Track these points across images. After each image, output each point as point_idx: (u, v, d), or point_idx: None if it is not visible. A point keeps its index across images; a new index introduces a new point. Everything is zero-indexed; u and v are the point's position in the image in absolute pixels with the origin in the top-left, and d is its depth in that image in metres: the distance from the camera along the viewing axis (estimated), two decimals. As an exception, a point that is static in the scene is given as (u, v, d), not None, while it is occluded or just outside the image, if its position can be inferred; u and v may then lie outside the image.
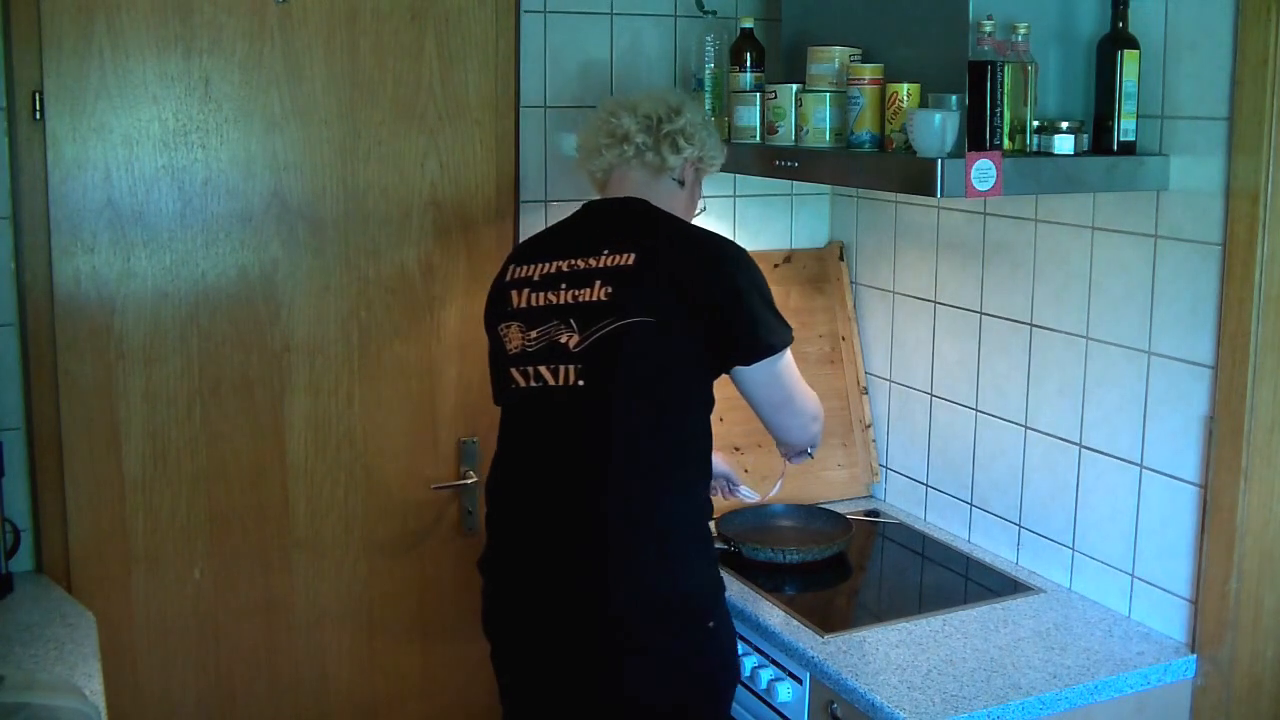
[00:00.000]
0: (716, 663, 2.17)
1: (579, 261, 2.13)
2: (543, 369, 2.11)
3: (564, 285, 2.12)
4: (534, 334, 2.13)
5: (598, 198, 2.30)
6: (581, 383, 2.07)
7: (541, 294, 2.14)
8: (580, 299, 2.09)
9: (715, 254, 2.14)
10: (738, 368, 2.14)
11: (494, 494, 2.24)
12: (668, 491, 2.11)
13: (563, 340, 2.09)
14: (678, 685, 2.09)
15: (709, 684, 2.16)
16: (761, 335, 2.12)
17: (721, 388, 2.94)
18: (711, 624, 2.13)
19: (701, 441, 2.18)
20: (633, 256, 2.09)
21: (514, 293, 2.18)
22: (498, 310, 2.21)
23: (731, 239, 2.27)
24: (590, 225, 2.23)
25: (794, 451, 2.45)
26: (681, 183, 2.26)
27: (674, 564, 2.10)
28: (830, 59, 2.40)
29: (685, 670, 2.10)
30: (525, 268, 2.20)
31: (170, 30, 2.41)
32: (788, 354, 2.18)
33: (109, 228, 2.42)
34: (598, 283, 2.09)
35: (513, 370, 2.15)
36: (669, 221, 2.20)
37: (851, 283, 3.06)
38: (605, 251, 2.11)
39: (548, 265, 2.16)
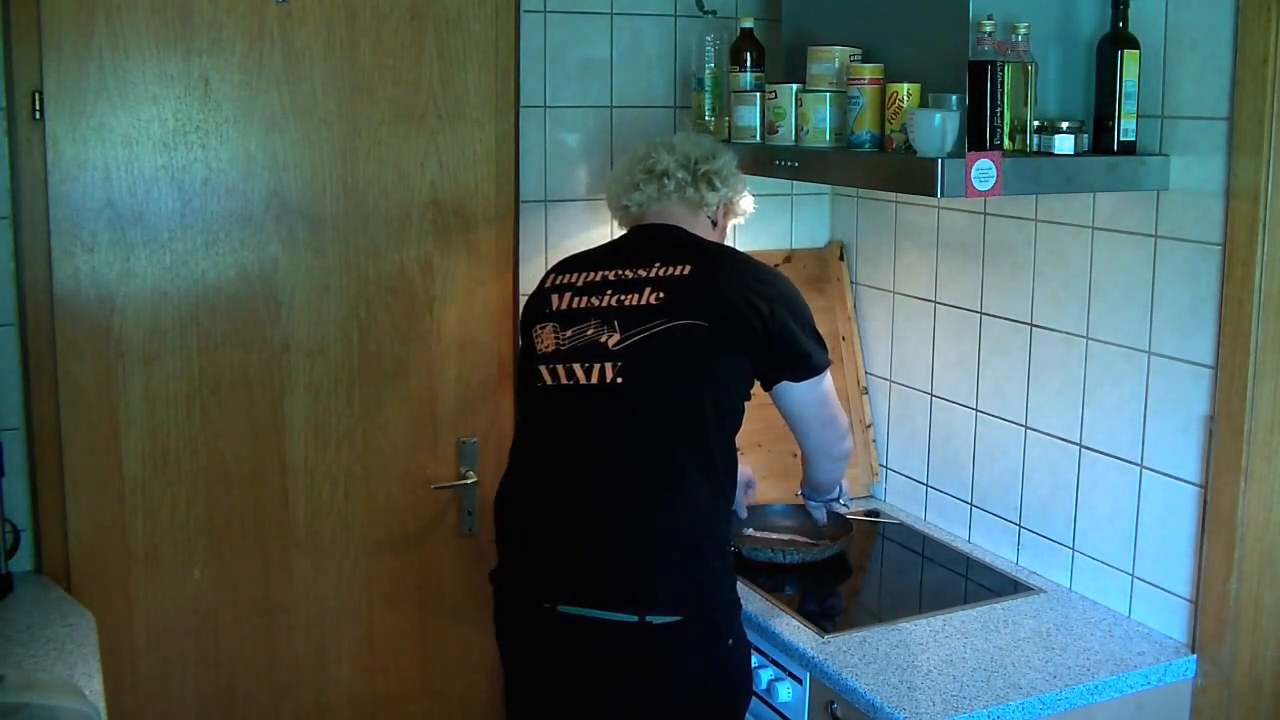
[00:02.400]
0: (734, 681, 2.16)
1: (627, 271, 2.18)
2: (575, 366, 2.11)
3: (610, 291, 2.16)
4: (568, 333, 2.14)
5: (638, 223, 2.36)
6: (620, 380, 2.08)
7: (583, 298, 2.17)
8: (626, 303, 2.14)
9: (768, 277, 2.22)
10: (786, 385, 2.20)
11: (506, 498, 2.22)
12: (695, 499, 2.10)
13: (602, 339, 2.11)
14: (692, 703, 2.08)
15: (724, 702, 2.15)
16: (811, 354, 2.20)
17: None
18: (731, 641, 2.13)
19: (732, 454, 2.19)
20: (688, 268, 2.16)
21: (554, 296, 2.21)
22: (534, 314, 2.24)
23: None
24: (640, 242, 2.30)
25: (823, 493, 2.55)
26: (715, 222, 2.37)
27: (697, 576, 2.08)
28: (830, 59, 2.40)
29: (702, 688, 2.08)
30: (567, 275, 2.24)
31: (170, 30, 2.41)
32: (829, 375, 2.27)
33: (109, 228, 2.42)
34: (648, 289, 2.14)
35: (541, 368, 2.16)
36: (719, 245, 2.33)
37: (851, 283, 3.06)
38: (658, 263, 2.18)
39: (593, 274, 2.20)
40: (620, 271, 2.18)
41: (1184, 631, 2.21)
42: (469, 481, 2.76)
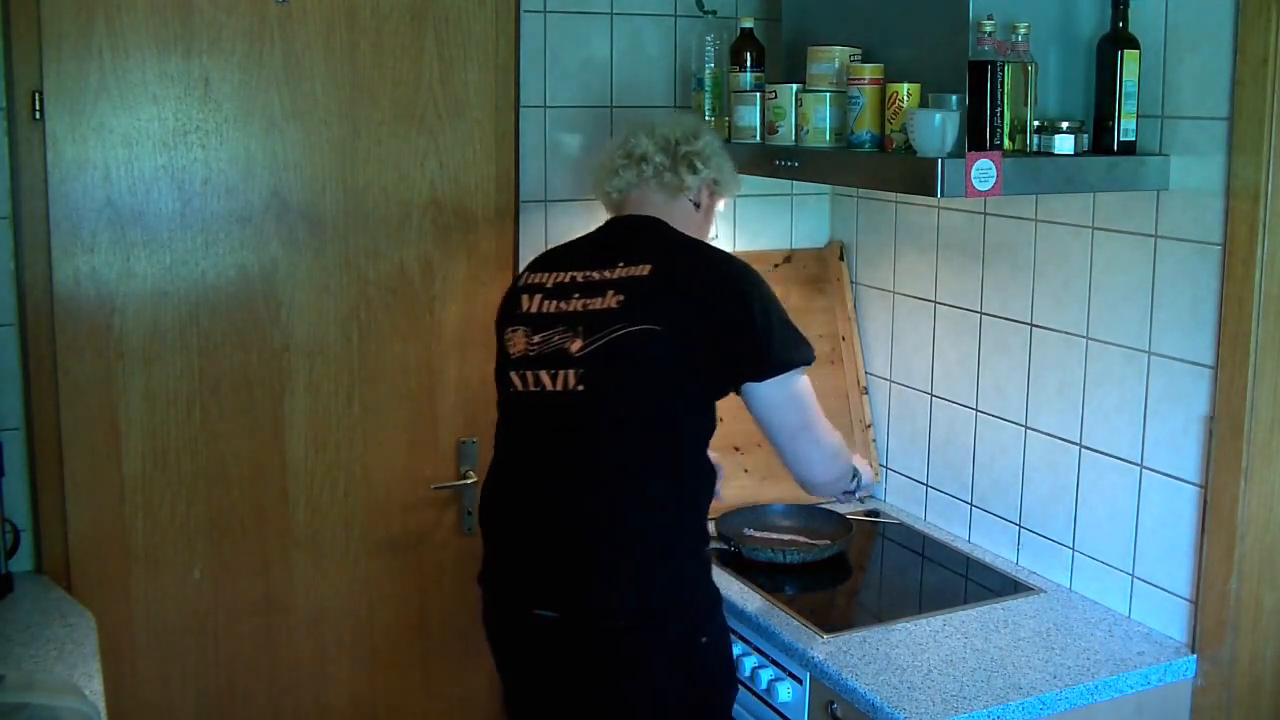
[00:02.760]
0: (710, 678, 2.15)
1: (594, 273, 2.13)
2: (542, 374, 2.10)
3: (576, 294, 2.12)
4: (537, 339, 2.12)
5: (612, 215, 2.32)
6: (581, 387, 2.06)
7: (552, 301, 2.14)
8: (590, 307, 2.09)
9: (730, 271, 2.14)
10: (751, 386, 2.11)
11: (486, 502, 2.23)
12: (663, 504, 2.09)
13: (567, 346, 2.08)
14: (670, 701, 2.08)
15: (704, 699, 2.14)
16: (775, 350, 2.09)
17: (721, 388, 2.92)
18: (705, 639, 2.11)
19: (701, 457, 2.16)
20: (649, 268, 2.10)
21: (525, 297, 2.19)
22: (507, 314, 2.22)
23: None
24: (608, 239, 2.25)
25: (829, 493, 2.37)
26: (697, 205, 2.29)
27: (666, 578, 2.08)
28: (830, 59, 2.40)
29: (678, 687, 2.08)
30: (540, 275, 2.21)
31: (170, 30, 2.41)
32: (805, 378, 2.15)
33: (109, 228, 2.42)
34: (610, 292, 2.09)
35: (512, 374, 2.15)
36: (686, 239, 2.22)
37: (851, 283, 3.06)
38: (621, 264, 2.12)
39: (562, 275, 2.17)
40: (587, 273, 2.14)
41: (1184, 631, 2.21)
42: (469, 481, 2.76)
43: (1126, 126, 2.16)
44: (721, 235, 2.96)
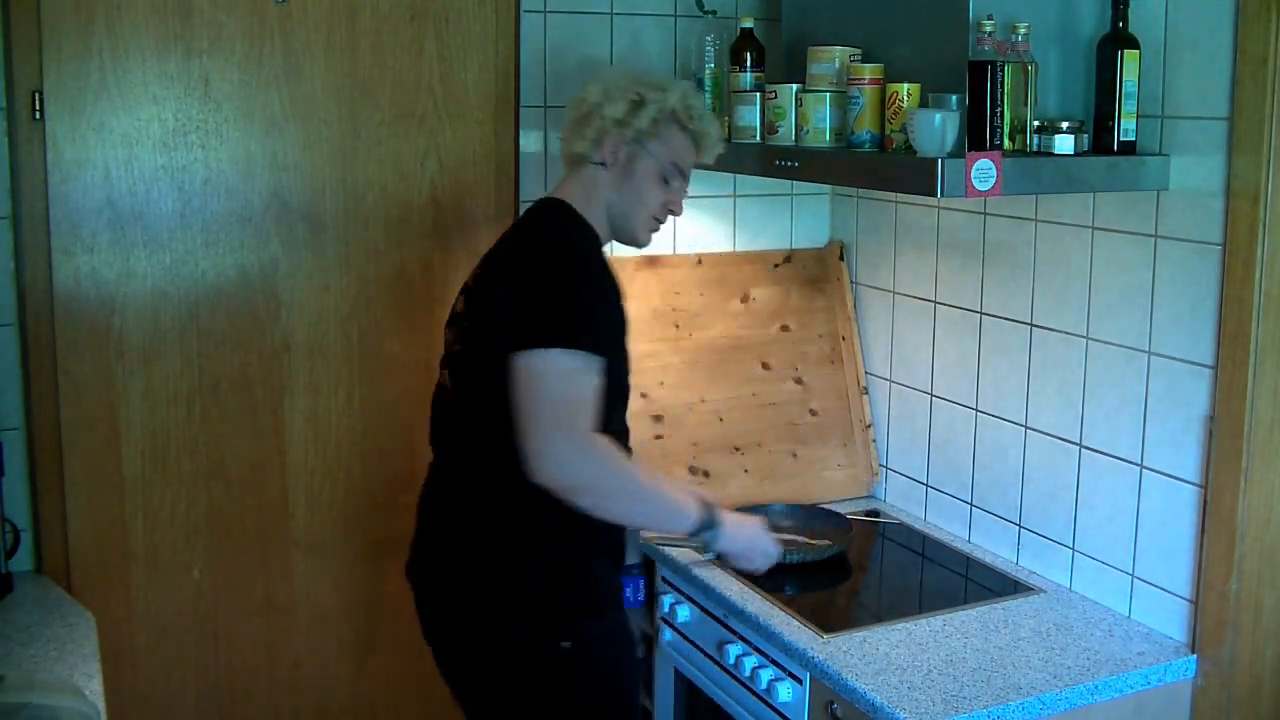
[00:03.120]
0: (572, 689, 2.06)
1: (479, 271, 2.17)
2: (444, 371, 2.18)
3: (464, 296, 2.18)
4: (448, 337, 2.19)
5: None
6: (450, 385, 2.14)
7: (462, 302, 2.18)
8: (459, 308, 2.16)
9: (524, 258, 2.03)
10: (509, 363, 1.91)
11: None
12: (517, 511, 2.02)
13: (454, 346, 2.15)
14: (548, 704, 2.05)
15: (576, 704, 2.07)
16: (524, 325, 1.90)
17: (724, 386, 2.94)
18: (568, 644, 2.02)
19: None
20: (480, 268, 2.15)
21: (458, 301, 2.23)
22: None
23: (576, 248, 2.06)
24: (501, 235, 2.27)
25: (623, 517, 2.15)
26: (604, 164, 2.10)
27: (515, 579, 2.04)
28: (830, 59, 2.40)
29: (552, 690, 2.05)
30: (471, 275, 2.23)
31: (170, 30, 2.41)
32: (565, 368, 1.88)
33: (109, 228, 2.42)
34: (466, 294, 2.16)
35: (439, 373, 2.22)
36: (533, 229, 2.12)
37: (851, 283, 3.06)
38: (479, 264, 2.18)
39: (474, 275, 2.20)
40: (477, 272, 2.17)
41: (1184, 631, 2.21)
42: (469, 481, 2.76)
43: (1126, 126, 2.16)
44: (721, 235, 2.96)
